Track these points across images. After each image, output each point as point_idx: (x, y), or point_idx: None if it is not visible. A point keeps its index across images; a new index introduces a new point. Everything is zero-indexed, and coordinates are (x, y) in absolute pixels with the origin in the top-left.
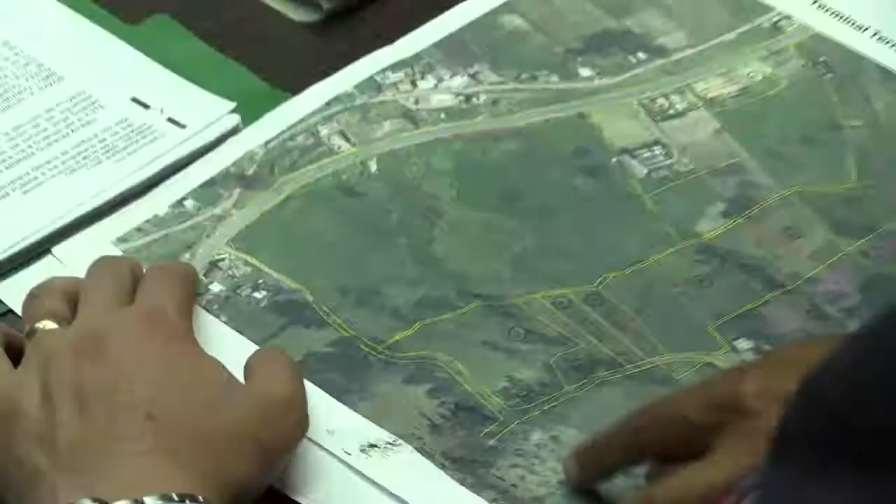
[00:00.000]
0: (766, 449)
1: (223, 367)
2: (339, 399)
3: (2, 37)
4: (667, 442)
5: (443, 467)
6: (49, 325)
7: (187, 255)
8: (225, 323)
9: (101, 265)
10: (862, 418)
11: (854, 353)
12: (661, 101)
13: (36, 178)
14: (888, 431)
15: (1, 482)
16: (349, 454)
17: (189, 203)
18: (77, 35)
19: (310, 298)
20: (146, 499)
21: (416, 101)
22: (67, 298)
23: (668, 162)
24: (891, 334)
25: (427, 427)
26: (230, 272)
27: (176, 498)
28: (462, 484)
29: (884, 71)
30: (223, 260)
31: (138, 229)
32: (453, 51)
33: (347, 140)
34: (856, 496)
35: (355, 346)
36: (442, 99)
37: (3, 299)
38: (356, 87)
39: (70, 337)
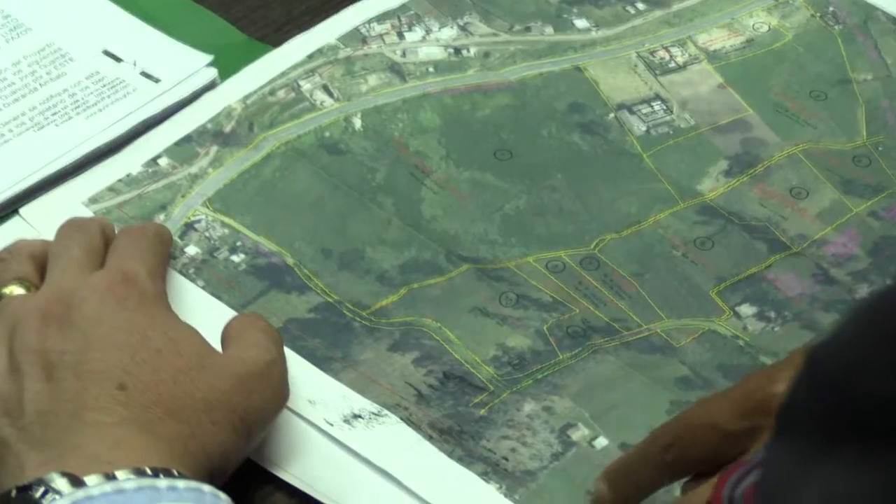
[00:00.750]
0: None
1: (198, 333)
2: (321, 367)
3: None
4: (700, 456)
5: (430, 439)
6: (16, 289)
7: (162, 216)
8: (201, 287)
9: (71, 227)
10: (866, 392)
11: (858, 326)
12: (661, 53)
13: (2, 134)
14: (892, 405)
15: None
16: (331, 425)
17: (163, 161)
18: None
19: (291, 262)
20: (118, 472)
21: (403, 54)
22: (35, 262)
23: (669, 118)
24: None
25: (414, 397)
26: (207, 234)
27: (149, 472)
28: (450, 456)
29: None
30: (199, 221)
31: (110, 189)
32: (442, 1)
33: (330, 95)
34: (860, 473)
35: (338, 312)
36: (430, 51)
37: None
38: (340, 39)
39: (37, 302)
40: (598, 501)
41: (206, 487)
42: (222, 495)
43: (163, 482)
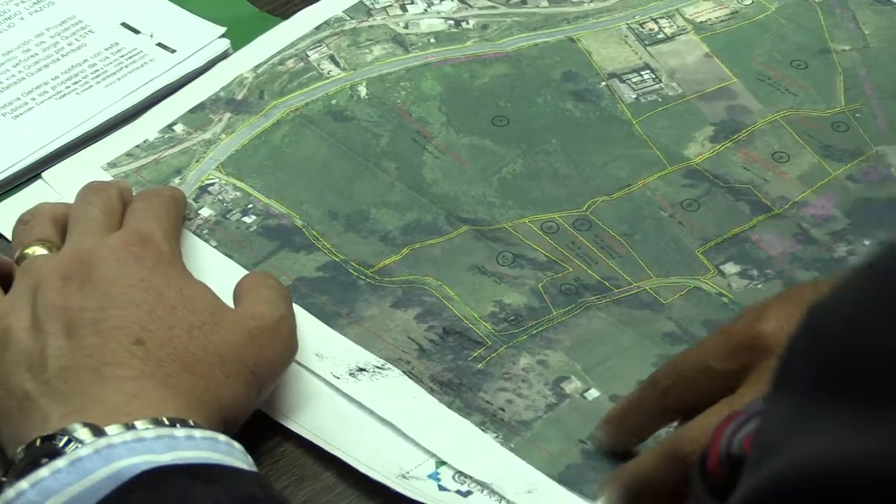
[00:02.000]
0: (771, 377)
1: (211, 291)
2: (328, 323)
3: None
4: (695, 397)
5: (431, 391)
6: (38, 250)
7: (177, 180)
8: (214, 247)
9: (90, 190)
10: (863, 350)
11: (858, 286)
12: (650, 24)
13: (26, 103)
14: (889, 363)
15: None
16: (338, 378)
17: (179, 128)
18: None
19: (299, 223)
20: (137, 423)
21: (406, 26)
22: (56, 224)
23: (657, 86)
24: (889, 263)
25: (415, 351)
26: (220, 197)
27: (166, 422)
28: (450, 407)
29: None
30: (213, 184)
31: (128, 154)
32: None
33: (337, 65)
34: (859, 431)
35: (344, 271)
36: (432, 23)
37: None
38: (346, 11)
39: (59, 262)
40: (599, 446)
41: (221, 437)
42: (236, 444)
43: (180, 431)
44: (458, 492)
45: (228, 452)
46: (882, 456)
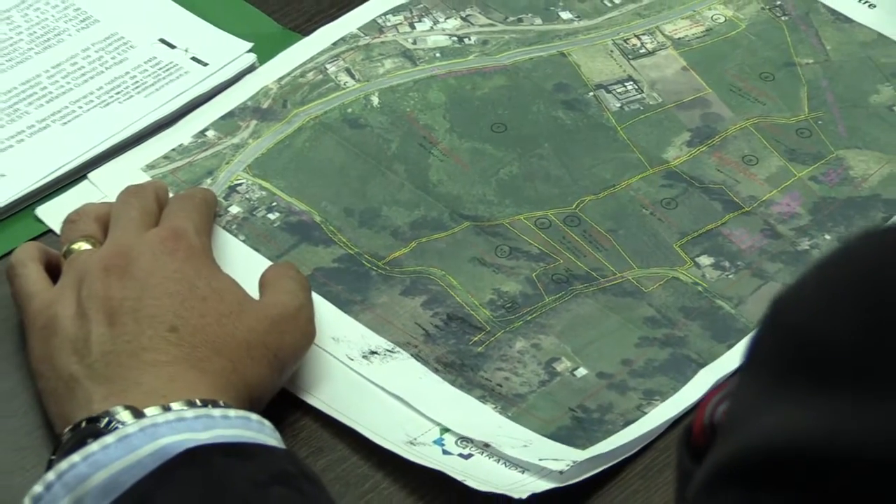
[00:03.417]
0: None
1: (237, 283)
2: (343, 310)
3: None
4: None
5: (436, 371)
6: (83, 245)
7: (209, 181)
8: (242, 241)
9: (130, 192)
10: (815, 337)
11: (814, 281)
12: (633, 41)
13: (74, 111)
14: (840, 349)
15: (41, 388)
16: (352, 360)
17: (210, 133)
18: None
19: (318, 219)
20: (173, 404)
21: (414, 42)
22: (100, 222)
23: (639, 96)
24: (848, 262)
25: (422, 336)
26: (247, 195)
27: (199, 402)
28: (453, 385)
29: (834, 13)
30: (241, 184)
31: (165, 157)
32: None
33: (352, 76)
34: (807, 410)
35: (358, 262)
36: (437, 40)
37: (44, 220)
38: (360, 28)
39: (101, 256)
40: None
41: (253, 416)
42: (266, 422)
43: (216, 411)
44: (461, 455)
45: (260, 430)
46: (823, 431)
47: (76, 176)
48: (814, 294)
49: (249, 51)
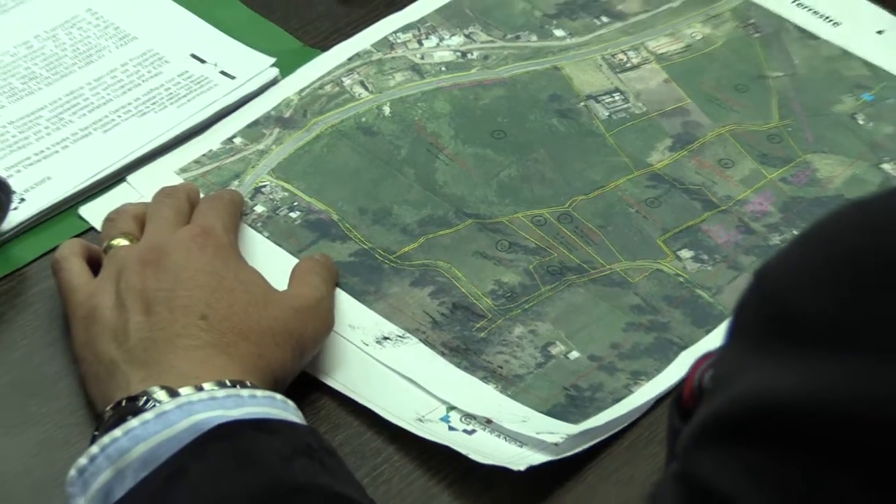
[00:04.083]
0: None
1: (262, 276)
2: (358, 299)
3: (87, 5)
4: None
5: (443, 355)
6: (122, 241)
7: (236, 183)
8: (267, 238)
9: (164, 193)
10: (794, 304)
11: (794, 253)
12: (620, 56)
13: (113, 119)
14: (819, 314)
15: (83, 371)
16: (367, 345)
17: (237, 140)
18: (148, 4)
19: (335, 217)
20: (205, 385)
21: (422, 57)
22: (137, 220)
23: (626, 105)
24: (829, 235)
25: (429, 323)
26: (270, 196)
27: (229, 383)
28: (458, 367)
29: (801, 30)
30: (265, 186)
31: (196, 161)
32: (452, 16)
33: (366, 88)
34: (783, 371)
35: (372, 256)
36: (442, 55)
37: (86, 219)
38: (373, 45)
39: (138, 251)
40: None
41: (278, 396)
42: (289, 402)
43: (245, 391)
44: (465, 431)
45: (284, 409)
46: (802, 388)
47: (115, 178)
48: (796, 264)
49: (273, 65)
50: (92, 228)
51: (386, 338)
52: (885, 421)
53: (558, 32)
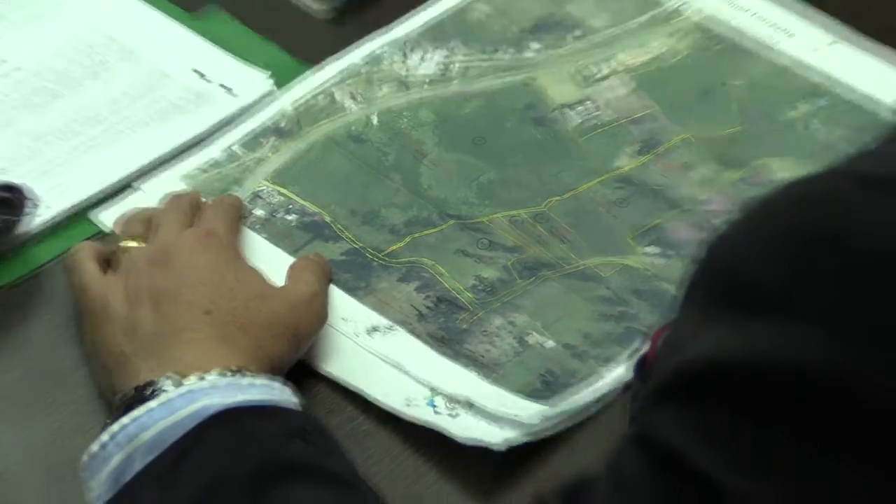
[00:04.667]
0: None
1: (260, 273)
2: (350, 294)
3: (95, 24)
4: None
5: (428, 344)
6: (132, 243)
7: (236, 188)
8: (265, 239)
9: (171, 198)
10: (745, 275)
11: (741, 228)
12: (591, 67)
13: (122, 131)
14: (763, 284)
15: (97, 363)
16: (358, 336)
17: (237, 149)
18: (152, 23)
19: (328, 219)
20: (207, 374)
21: (407, 71)
22: (145, 224)
23: (597, 113)
24: (772, 212)
25: (416, 315)
26: (268, 200)
27: (229, 373)
28: (442, 356)
29: (759, 42)
30: (263, 191)
31: (199, 169)
32: (434, 33)
33: (355, 100)
34: (730, 336)
35: (362, 255)
36: (426, 68)
37: (98, 223)
38: (362, 60)
39: (146, 252)
40: None
41: (276, 382)
42: (287, 386)
43: (244, 380)
44: (449, 414)
45: (281, 394)
46: (747, 352)
47: (125, 185)
48: (743, 240)
49: (269, 79)
50: (103, 232)
51: (375, 329)
52: (819, 381)
53: (534, 46)
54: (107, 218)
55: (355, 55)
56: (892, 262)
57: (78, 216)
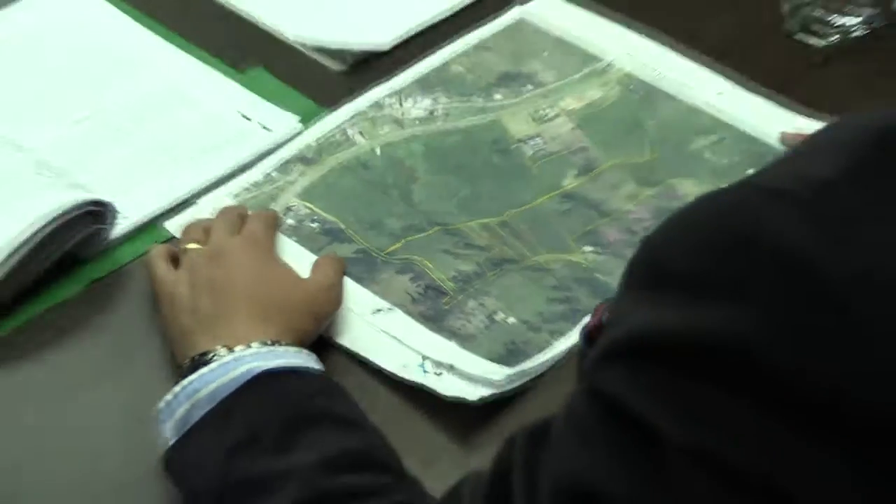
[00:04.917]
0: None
1: (292, 270)
2: (359, 283)
3: (165, 78)
4: None
5: (419, 322)
6: (194, 246)
7: (272, 204)
8: (295, 241)
9: (223, 211)
10: (671, 264)
11: (674, 223)
12: (542, 110)
13: (186, 159)
14: (684, 273)
15: (168, 337)
16: (365, 315)
17: (274, 174)
18: (208, 77)
19: (343, 227)
20: (252, 344)
21: (402, 114)
22: (204, 231)
23: (545, 147)
24: (698, 214)
25: (409, 299)
26: (297, 212)
27: (269, 342)
28: (430, 330)
29: (666, 93)
30: (294, 206)
31: (245, 189)
32: (423, 84)
33: (363, 136)
34: (658, 315)
35: (369, 254)
36: (417, 112)
37: (168, 230)
38: (368, 106)
39: (205, 252)
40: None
41: (304, 351)
42: (312, 355)
43: (280, 348)
44: (435, 374)
45: (307, 360)
46: (673, 323)
47: (187, 200)
48: (672, 237)
49: (298, 121)
50: (171, 237)
51: (378, 310)
52: (732, 346)
53: (497, 95)
54: (173, 226)
55: (363, 101)
56: (792, 256)
57: (151, 225)
